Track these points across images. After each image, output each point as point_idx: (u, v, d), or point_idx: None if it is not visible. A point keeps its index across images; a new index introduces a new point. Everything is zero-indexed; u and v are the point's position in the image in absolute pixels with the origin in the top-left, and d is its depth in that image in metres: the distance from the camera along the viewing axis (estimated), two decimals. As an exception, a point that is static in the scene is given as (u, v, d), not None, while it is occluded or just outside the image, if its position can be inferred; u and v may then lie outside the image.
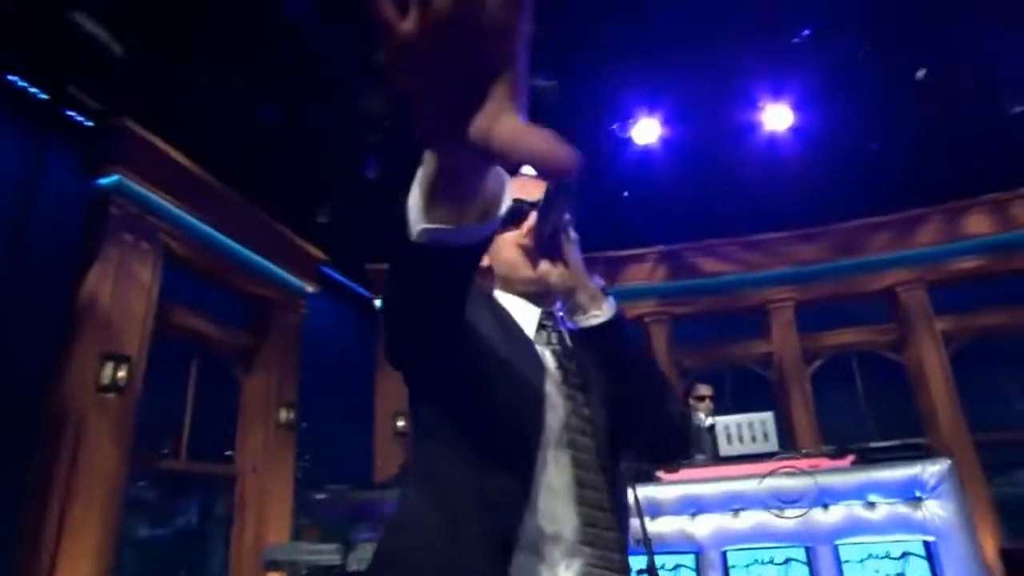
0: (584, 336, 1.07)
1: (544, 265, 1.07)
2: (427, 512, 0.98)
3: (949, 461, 3.55)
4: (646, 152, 5.31)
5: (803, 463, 3.73)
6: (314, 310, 5.47)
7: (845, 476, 3.55)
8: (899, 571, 3.34)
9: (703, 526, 3.62)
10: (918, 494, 3.43)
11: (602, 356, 1.07)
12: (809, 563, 3.42)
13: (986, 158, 5.35)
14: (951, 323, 5.66)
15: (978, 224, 5.68)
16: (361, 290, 6.06)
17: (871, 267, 5.93)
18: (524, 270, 1.12)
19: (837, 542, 3.42)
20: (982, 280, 5.69)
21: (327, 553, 3.55)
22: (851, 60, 4.94)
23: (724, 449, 3.83)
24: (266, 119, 4.65)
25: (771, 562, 3.43)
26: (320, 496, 3.61)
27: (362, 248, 5.86)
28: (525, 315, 1.14)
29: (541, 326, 1.14)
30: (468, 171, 0.53)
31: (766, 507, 3.53)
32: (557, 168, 0.40)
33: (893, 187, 5.59)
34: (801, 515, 3.50)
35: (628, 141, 5.44)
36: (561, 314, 1.14)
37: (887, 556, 3.38)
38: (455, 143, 0.43)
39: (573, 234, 1.08)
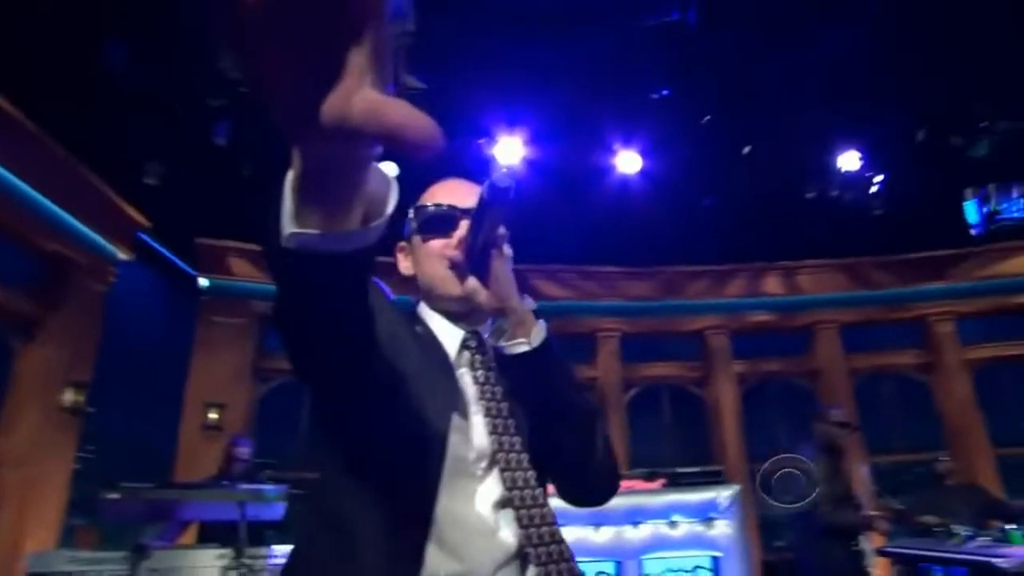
0: (509, 363, 0.99)
1: (472, 282, 0.98)
2: (323, 549, 0.89)
3: (738, 487, 4.08)
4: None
5: (622, 484, 4.04)
6: (125, 280, 4.78)
7: (655, 497, 3.90)
8: (690, 584, 3.74)
9: (526, 539, 3.73)
10: (712, 515, 3.87)
11: (526, 384, 1.01)
12: (617, 576, 3.70)
13: (784, 230, 6.29)
14: (745, 366, 6.52)
15: (773, 285, 6.64)
16: (184, 265, 5.43)
17: (688, 310, 6.64)
18: (450, 285, 1.02)
19: (643, 557, 3.73)
20: (771, 332, 6.64)
21: (112, 562, 3.07)
22: (696, 124, 5.55)
23: (552, 466, 4.00)
24: (99, 54, 4.02)
25: None
26: (112, 495, 3.10)
27: (193, 218, 5.27)
28: (447, 335, 1.06)
29: (464, 347, 1.05)
30: (335, 165, 0.45)
31: (583, 523, 3.75)
32: (414, 142, 0.36)
33: (714, 241, 6.34)
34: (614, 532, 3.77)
35: (491, 158, 5.52)
36: (487, 335, 1.07)
37: (681, 570, 3.76)
38: (311, 128, 0.37)
39: (507, 250, 0.99)
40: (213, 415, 5.04)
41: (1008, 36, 4.48)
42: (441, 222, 1.04)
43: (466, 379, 1.02)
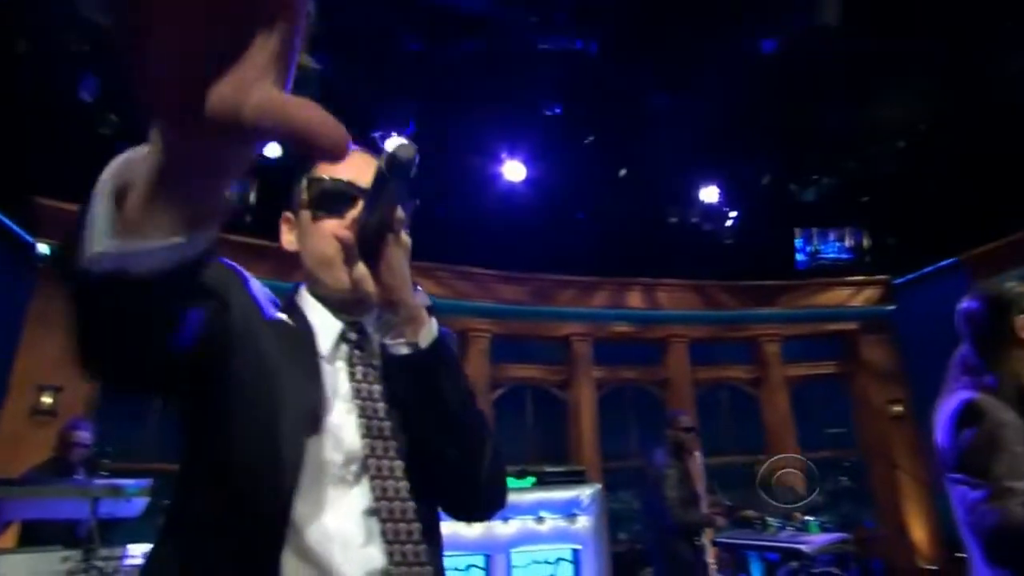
0: (394, 363, 0.91)
1: (361, 268, 0.86)
2: (175, 554, 0.81)
3: (599, 485, 4.41)
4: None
5: (495, 480, 4.19)
6: (-58, 240, 4.10)
7: (525, 495, 4.11)
8: (551, 573, 3.99)
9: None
10: (575, 511, 4.15)
11: (410, 388, 0.91)
12: (487, 569, 3.84)
13: (648, 250, 6.87)
14: (604, 372, 7.01)
15: (634, 299, 7.21)
16: (19, 229, 4.74)
17: (556, 316, 6.99)
18: (337, 270, 0.92)
19: (511, 550, 3.92)
20: (629, 343, 7.20)
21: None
22: (579, 143, 5.90)
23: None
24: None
25: (455, 569, 3.75)
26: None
27: (34, 176, 4.64)
28: (326, 324, 0.95)
29: (342, 339, 0.95)
30: (205, 163, 0.39)
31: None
32: (322, 147, 0.33)
33: (584, 254, 6.75)
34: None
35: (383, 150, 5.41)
36: (371, 329, 0.97)
37: (545, 562, 4.00)
38: (190, 115, 0.33)
39: (405, 237, 0.89)
40: (47, 399, 4.46)
41: (838, 108, 5.31)
42: (336, 199, 0.94)
43: (341, 376, 0.92)
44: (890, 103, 5.33)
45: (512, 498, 3.67)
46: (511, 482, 4.12)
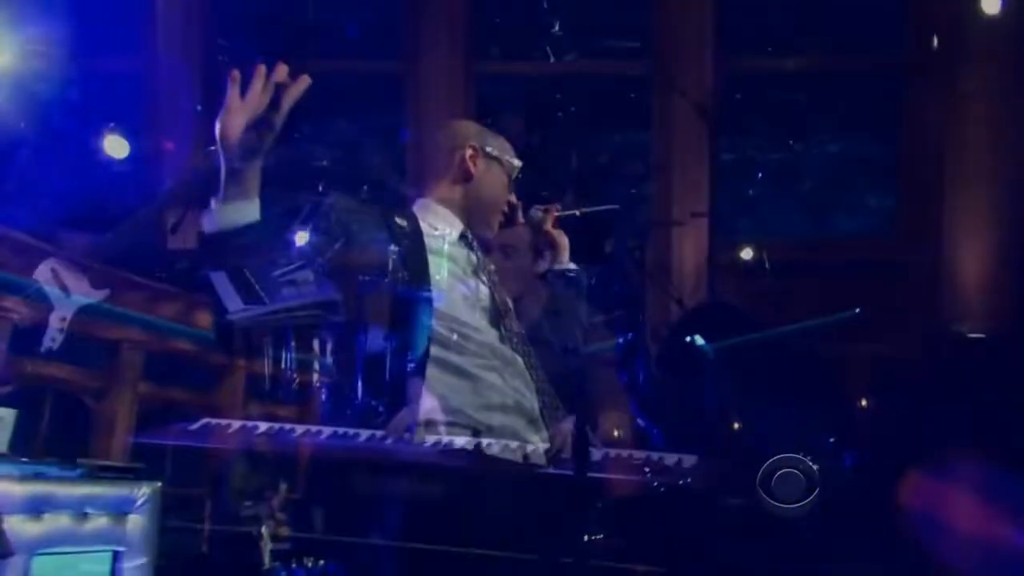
0: (557, 276, 1.41)
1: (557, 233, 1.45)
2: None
3: (158, 483, 3.84)
4: None
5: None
6: None
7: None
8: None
9: None
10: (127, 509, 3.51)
11: (559, 296, 1.39)
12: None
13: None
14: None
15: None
16: None
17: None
18: (498, 215, 1.40)
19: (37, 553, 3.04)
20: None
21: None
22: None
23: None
24: None
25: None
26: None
27: None
28: (448, 226, 1.34)
29: (462, 237, 1.34)
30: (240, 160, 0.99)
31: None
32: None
33: None
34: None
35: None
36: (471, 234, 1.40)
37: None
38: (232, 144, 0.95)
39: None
40: None
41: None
42: (511, 176, 1.41)
43: (468, 253, 1.34)
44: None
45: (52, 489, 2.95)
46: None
